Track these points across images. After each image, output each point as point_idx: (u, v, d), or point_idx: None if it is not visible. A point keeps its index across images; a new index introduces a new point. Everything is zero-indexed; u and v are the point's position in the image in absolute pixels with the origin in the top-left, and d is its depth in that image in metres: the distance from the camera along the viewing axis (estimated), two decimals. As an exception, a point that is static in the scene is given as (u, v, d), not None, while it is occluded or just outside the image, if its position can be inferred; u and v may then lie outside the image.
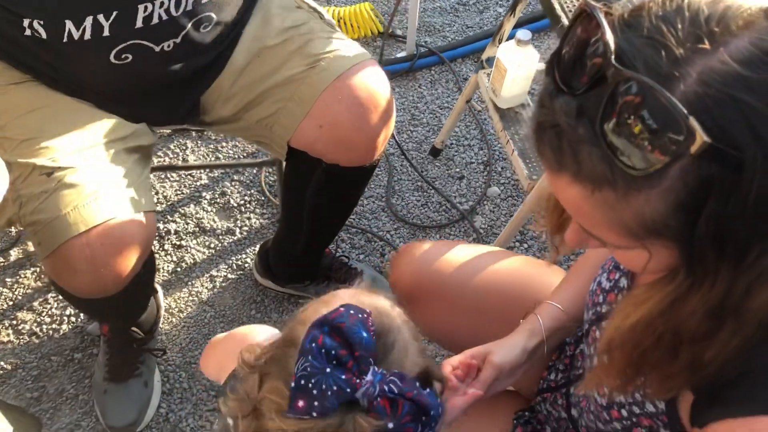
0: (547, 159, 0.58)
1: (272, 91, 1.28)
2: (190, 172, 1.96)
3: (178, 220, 1.88)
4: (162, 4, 1.12)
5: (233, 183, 1.95)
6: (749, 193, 0.52)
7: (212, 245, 1.84)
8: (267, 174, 1.96)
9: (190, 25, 1.18)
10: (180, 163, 1.98)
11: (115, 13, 1.10)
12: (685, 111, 0.49)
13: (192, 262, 1.81)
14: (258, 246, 1.79)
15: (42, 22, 1.10)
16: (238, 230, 1.86)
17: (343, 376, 0.66)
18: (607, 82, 0.53)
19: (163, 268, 1.79)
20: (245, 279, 1.78)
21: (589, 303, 0.96)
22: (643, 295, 0.67)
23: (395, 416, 0.65)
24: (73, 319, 1.70)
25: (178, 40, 1.19)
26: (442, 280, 1.16)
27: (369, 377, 0.67)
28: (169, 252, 1.82)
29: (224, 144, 2.03)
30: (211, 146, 2.02)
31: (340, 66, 1.24)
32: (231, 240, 1.85)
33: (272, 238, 1.72)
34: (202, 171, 1.96)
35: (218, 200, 1.92)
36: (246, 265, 1.80)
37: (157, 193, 1.91)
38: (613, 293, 0.91)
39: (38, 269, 1.77)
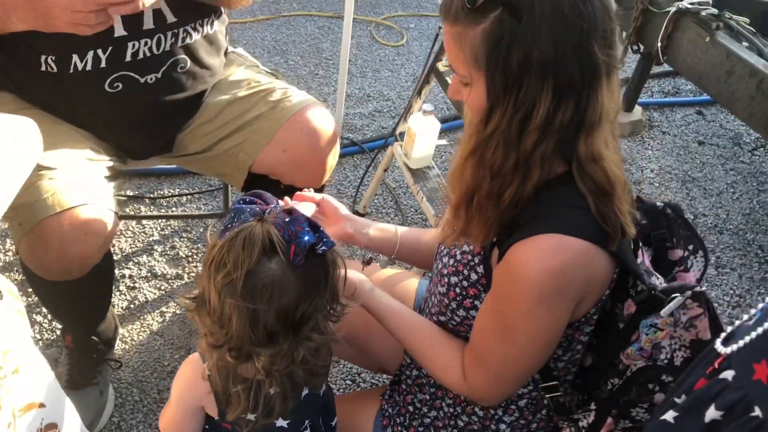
0: (443, 14, 0.97)
1: (240, 128, 1.64)
2: (143, 229, 2.23)
3: (131, 267, 2.12)
4: (146, 43, 1.48)
5: (182, 239, 2.23)
6: (523, 36, 0.91)
7: (162, 288, 2.08)
8: (213, 231, 2.25)
9: (168, 64, 1.53)
10: (134, 223, 2.25)
11: (110, 49, 1.45)
12: None
13: (144, 300, 2.04)
14: (204, 288, 2.05)
15: (54, 58, 1.43)
16: (186, 275, 2.12)
17: (254, 205, 0.99)
18: None
19: (118, 305, 2.01)
20: (192, 314, 2.02)
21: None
22: (465, 134, 1.04)
23: (291, 216, 0.96)
24: (32, 345, 1.86)
25: (159, 75, 1.53)
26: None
27: (272, 206, 0.99)
28: (123, 292, 2.05)
29: (174, 209, 2.33)
30: (163, 210, 2.32)
31: (298, 104, 1.63)
32: (180, 283, 2.10)
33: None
34: (155, 228, 2.24)
35: (168, 252, 2.18)
36: (193, 303, 2.04)
37: (113, 246, 2.15)
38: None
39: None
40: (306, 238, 0.95)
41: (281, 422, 1.14)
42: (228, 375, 1.05)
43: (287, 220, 0.95)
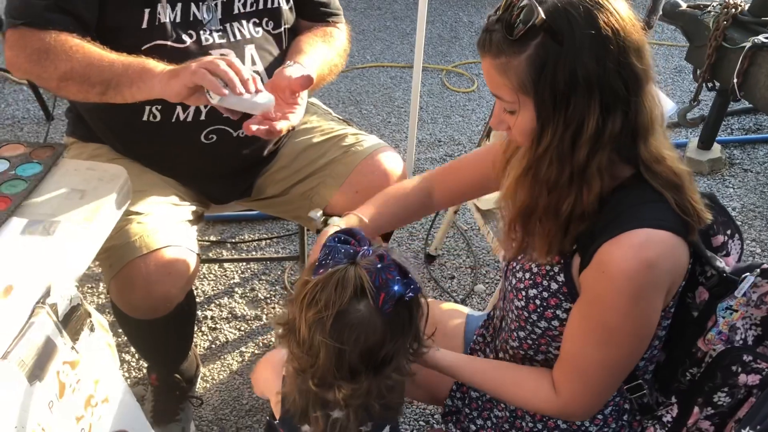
0: (480, 48, 1.02)
1: (314, 172, 1.72)
2: (225, 272, 2.33)
3: (213, 308, 2.22)
4: None
5: (261, 281, 2.32)
6: (566, 56, 0.95)
7: (242, 328, 2.16)
8: (290, 274, 2.33)
9: None
10: (217, 266, 2.36)
11: None
12: (539, 7, 0.95)
13: (225, 340, 2.12)
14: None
15: (159, 107, 1.54)
16: (264, 317, 2.20)
17: (348, 245, 1.02)
18: (512, 5, 0.98)
19: (200, 345, 2.10)
20: (270, 354, 2.08)
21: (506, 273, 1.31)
22: (518, 158, 1.07)
23: (383, 262, 0.99)
24: (121, 383, 1.97)
25: (268, 138, 1.63)
26: None
27: (365, 247, 1.02)
28: (205, 333, 2.14)
29: (254, 253, 2.43)
30: (243, 254, 2.42)
31: (369, 148, 1.70)
32: (258, 324, 2.17)
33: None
34: (235, 271, 2.34)
35: (248, 294, 2.27)
36: (271, 343, 2.11)
37: (196, 288, 2.26)
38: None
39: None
40: (396, 288, 0.98)
41: None
42: (308, 399, 1.08)
43: (379, 266, 0.98)
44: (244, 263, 2.39)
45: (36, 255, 1.07)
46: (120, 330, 2.08)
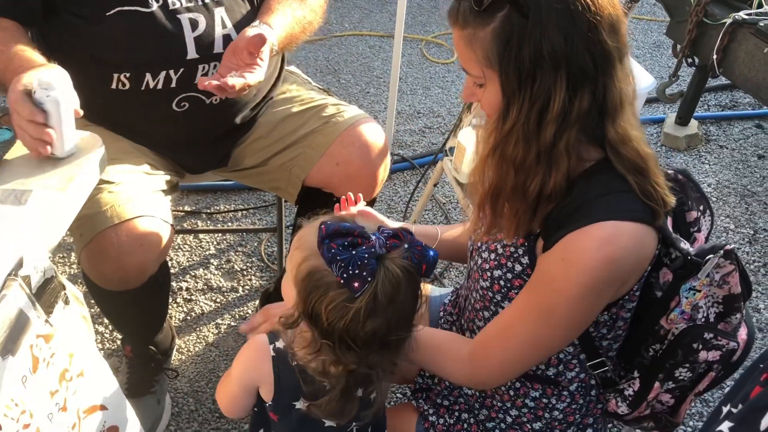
0: (448, 17, 1.01)
1: (294, 143, 1.68)
2: (200, 243, 2.29)
3: (188, 280, 2.18)
4: (215, 66, 1.54)
5: (237, 253, 2.28)
6: (532, 31, 0.93)
7: (218, 300, 2.14)
8: (267, 245, 2.30)
9: None
10: (192, 237, 2.32)
11: (182, 70, 1.51)
12: None
13: (200, 312, 2.09)
14: (258, 301, 2.09)
15: (128, 75, 1.49)
16: (240, 289, 2.17)
17: (363, 247, 1.00)
18: None
19: (175, 317, 2.07)
20: (246, 326, 2.06)
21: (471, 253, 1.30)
22: (485, 133, 1.05)
23: (404, 240, 0.99)
24: (94, 355, 1.93)
25: (222, 96, 1.59)
26: None
27: (373, 238, 1.01)
28: (180, 304, 2.11)
29: (230, 224, 2.39)
30: (219, 224, 2.38)
31: (350, 119, 1.66)
32: (234, 296, 2.15)
33: (274, 284, 2.03)
34: (211, 242, 2.30)
35: (224, 266, 2.24)
36: (247, 315, 2.09)
37: (171, 259, 2.22)
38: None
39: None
40: (431, 252, 1.00)
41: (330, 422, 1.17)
42: (350, 390, 1.10)
43: (406, 246, 0.99)
44: (220, 234, 2.35)
45: (7, 225, 1.03)
46: (92, 301, 2.05)
